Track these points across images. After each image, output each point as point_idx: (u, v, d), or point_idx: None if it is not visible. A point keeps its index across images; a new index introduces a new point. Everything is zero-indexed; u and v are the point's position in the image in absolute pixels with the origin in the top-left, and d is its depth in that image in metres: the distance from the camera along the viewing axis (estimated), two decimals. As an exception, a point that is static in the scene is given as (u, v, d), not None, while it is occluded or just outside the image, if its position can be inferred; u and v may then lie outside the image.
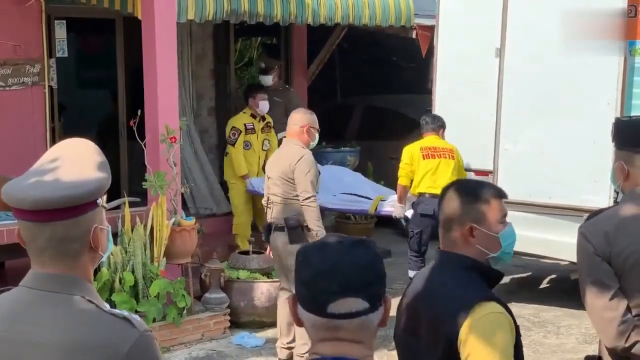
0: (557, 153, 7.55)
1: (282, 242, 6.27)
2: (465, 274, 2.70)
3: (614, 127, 3.28)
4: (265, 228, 6.52)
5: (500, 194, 2.80)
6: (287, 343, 6.56)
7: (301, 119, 6.39)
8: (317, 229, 6.16)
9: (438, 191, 7.86)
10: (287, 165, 6.20)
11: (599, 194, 7.34)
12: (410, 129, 11.13)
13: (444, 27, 8.37)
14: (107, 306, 2.10)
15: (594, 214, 3.25)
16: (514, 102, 7.77)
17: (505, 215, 2.77)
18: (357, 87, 13.20)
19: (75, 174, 2.04)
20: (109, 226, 2.16)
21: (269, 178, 6.43)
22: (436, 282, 2.73)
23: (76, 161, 2.08)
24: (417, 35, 9.94)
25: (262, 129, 9.21)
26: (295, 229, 6.20)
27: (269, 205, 6.43)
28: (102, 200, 2.13)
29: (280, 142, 8.13)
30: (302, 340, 6.17)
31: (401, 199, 8.07)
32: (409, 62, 13.24)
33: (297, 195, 6.21)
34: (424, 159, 7.82)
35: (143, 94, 7.46)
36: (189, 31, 9.62)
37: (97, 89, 11.48)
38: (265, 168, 6.65)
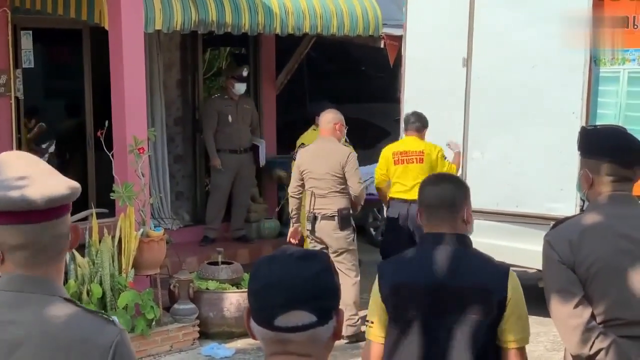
0: (523, 162, 7.60)
1: (331, 229, 7.18)
2: (480, 251, 3.16)
3: (580, 136, 3.32)
4: (310, 218, 7.22)
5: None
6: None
7: (333, 118, 7.31)
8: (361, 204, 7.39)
9: (406, 195, 7.92)
10: (337, 164, 7.10)
11: (566, 203, 7.40)
12: (379, 138, 11.18)
13: (411, 37, 8.41)
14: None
15: (559, 222, 3.28)
16: (481, 112, 7.82)
17: None
18: (325, 96, 13.20)
19: (55, 174, 2.13)
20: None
21: (306, 172, 7.17)
22: (464, 262, 3.08)
23: (43, 165, 2.15)
24: (385, 44, 9.98)
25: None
26: (347, 218, 7.18)
27: (298, 197, 7.27)
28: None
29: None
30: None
31: (385, 200, 8.11)
32: (378, 71, 13.29)
33: (342, 189, 7.12)
34: (394, 164, 7.86)
35: (111, 105, 7.42)
36: (157, 41, 9.59)
37: (64, 100, 11.39)
38: (300, 163, 7.29)
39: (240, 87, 9.71)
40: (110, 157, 7.24)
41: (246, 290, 6.84)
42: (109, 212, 7.46)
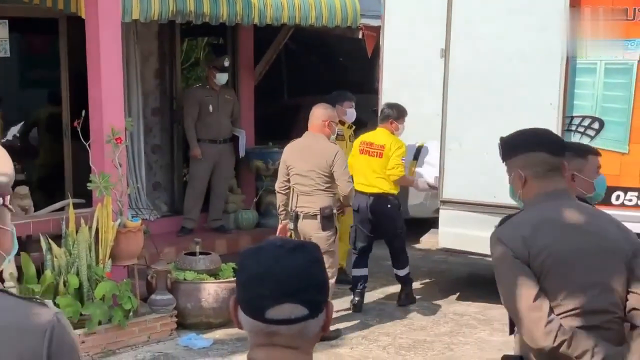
0: (501, 153, 7.63)
1: (313, 228, 6.97)
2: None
3: (502, 143, 3.38)
4: (292, 216, 7.01)
5: (596, 152, 3.97)
6: None
7: (323, 114, 7.01)
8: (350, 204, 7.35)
9: (365, 189, 7.99)
10: (324, 162, 6.86)
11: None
12: (356, 129, 11.18)
13: (389, 28, 8.42)
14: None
15: (505, 219, 3.30)
16: (459, 103, 7.84)
17: (599, 167, 3.89)
18: (304, 87, 13.20)
19: None
20: (13, 227, 2.13)
21: (290, 168, 6.98)
22: (591, 213, 3.29)
23: None
24: (363, 35, 9.99)
25: (350, 136, 9.04)
26: (330, 217, 6.95)
27: (287, 193, 7.05)
28: (5, 201, 2.09)
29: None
30: None
31: None
32: (356, 62, 13.28)
33: (328, 187, 6.91)
34: (360, 153, 7.92)
35: (88, 95, 7.38)
36: (134, 31, 9.55)
37: (41, 89, 11.32)
38: (286, 158, 7.07)
39: (222, 78, 9.69)
40: (87, 147, 7.20)
41: (224, 280, 6.91)
42: (86, 203, 7.42)
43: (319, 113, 7.04)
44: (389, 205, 7.91)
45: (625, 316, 3.13)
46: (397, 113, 7.90)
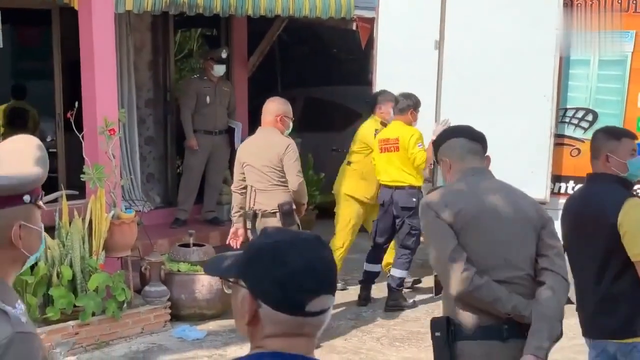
0: (495, 145, 7.57)
1: (273, 226, 6.37)
2: (612, 185, 4.12)
3: (432, 143, 4.02)
4: (249, 215, 6.70)
5: (631, 135, 4.25)
6: None
7: (276, 109, 6.66)
8: (305, 203, 6.81)
9: (390, 184, 7.92)
10: (275, 155, 6.51)
11: (536, 185, 7.45)
12: (350, 121, 11.18)
13: (383, 19, 8.40)
14: (18, 302, 2.01)
15: (432, 190, 3.99)
16: (453, 95, 7.84)
17: (634, 149, 4.16)
18: (297, 78, 13.20)
19: (12, 164, 1.99)
20: (42, 227, 2.09)
21: (247, 166, 6.64)
22: (593, 192, 4.18)
23: (4, 157, 2.03)
24: (357, 27, 9.97)
25: None
26: (289, 213, 6.58)
27: (244, 193, 6.70)
28: (37, 199, 2.05)
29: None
30: None
31: None
32: (350, 53, 13.28)
33: (284, 182, 6.54)
34: (381, 152, 7.86)
35: (81, 86, 7.36)
36: (127, 22, 9.52)
37: (34, 81, 11.29)
38: (241, 156, 6.74)
39: (219, 69, 9.67)
40: (81, 138, 7.18)
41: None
42: (79, 194, 7.41)
43: (272, 107, 6.68)
44: (414, 199, 7.67)
45: (535, 275, 3.61)
46: (415, 102, 7.77)
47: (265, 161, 6.55)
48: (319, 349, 6.79)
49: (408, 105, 7.73)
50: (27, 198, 2.02)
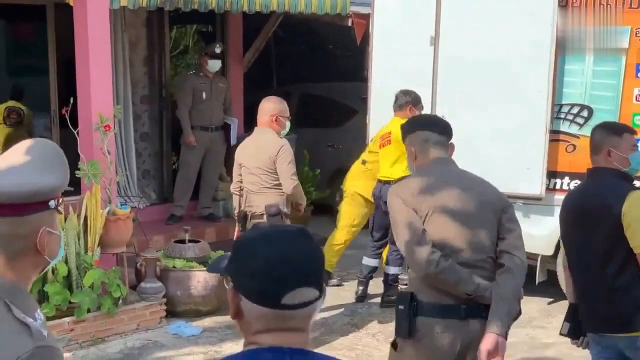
0: (490, 140, 7.63)
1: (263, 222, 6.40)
2: (613, 179, 4.19)
3: (401, 127, 4.26)
4: (240, 216, 6.53)
5: (631, 131, 4.33)
6: None
7: (271, 108, 6.49)
8: (304, 203, 6.65)
9: (382, 178, 7.88)
10: (267, 157, 6.33)
11: (532, 181, 7.46)
12: (346, 117, 11.18)
13: (379, 15, 8.40)
14: (37, 312, 2.01)
15: (399, 179, 4.26)
16: (449, 90, 7.84)
17: (634, 145, 4.25)
18: (293, 75, 13.19)
19: (30, 173, 1.99)
20: (62, 232, 2.09)
21: (242, 167, 6.50)
22: (595, 186, 4.24)
23: (32, 161, 2.03)
24: (352, 23, 9.96)
25: None
26: (275, 216, 6.33)
27: (241, 194, 6.53)
28: (58, 204, 2.06)
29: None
30: None
31: None
32: (345, 50, 13.27)
33: (276, 185, 6.37)
34: (380, 148, 7.85)
35: (76, 82, 7.34)
36: (123, 18, 9.50)
37: (29, 77, 11.26)
38: (238, 156, 6.61)
39: (214, 64, 9.67)
40: (76, 134, 7.17)
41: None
42: (75, 190, 7.37)
43: (268, 107, 6.53)
44: None
45: (496, 257, 3.84)
46: (414, 99, 7.71)
47: (258, 163, 6.40)
48: (314, 346, 6.79)
49: (406, 102, 7.70)
50: (52, 203, 2.03)
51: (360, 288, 8.08)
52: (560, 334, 4.57)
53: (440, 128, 4.05)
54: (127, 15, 9.55)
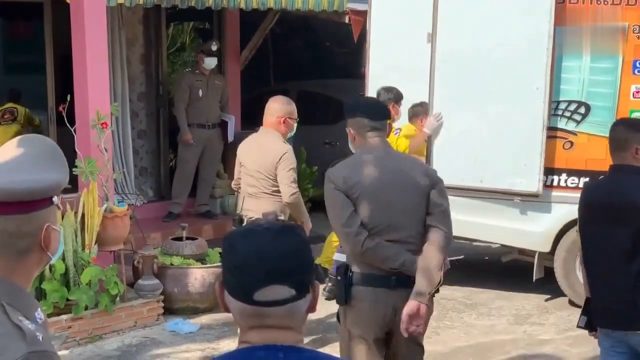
0: (487, 137, 7.64)
1: None
2: (637, 176, 4.16)
3: (345, 105, 4.65)
4: (236, 221, 6.18)
5: None
6: None
7: (279, 109, 6.11)
8: (308, 223, 6.26)
9: None
10: (269, 162, 6.00)
11: (528, 177, 7.46)
12: (343, 114, 11.16)
13: (376, 12, 8.38)
14: (38, 311, 2.00)
15: (334, 163, 4.46)
16: (446, 87, 7.83)
17: None
18: (290, 72, 13.18)
19: (34, 169, 1.98)
20: (61, 228, 2.07)
21: (242, 165, 6.18)
22: (619, 182, 4.19)
23: (35, 157, 2.02)
24: (349, 20, 9.95)
25: None
26: None
27: (239, 192, 6.30)
28: (58, 200, 2.05)
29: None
30: None
31: None
32: (342, 46, 13.26)
33: (275, 191, 6.05)
34: None
35: (73, 79, 7.34)
36: (119, 15, 9.49)
37: (26, 74, 11.25)
38: (240, 154, 6.27)
39: (210, 62, 9.66)
40: (73, 132, 7.16)
41: (211, 265, 6.86)
42: (72, 188, 7.37)
43: (275, 108, 6.14)
44: None
45: (424, 232, 4.19)
46: (396, 96, 7.68)
47: (258, 166, 6.07)
48: (316, 345, 6.79)
49: (389, 99, 7.65)
50: (55, 199, 2.02)
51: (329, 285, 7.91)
52: (578, 326, 4.55)
53: (377, 114, 4.38)
54: (124, 13, 9.54)
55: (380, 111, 4.44)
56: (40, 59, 9.57)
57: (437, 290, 4.36)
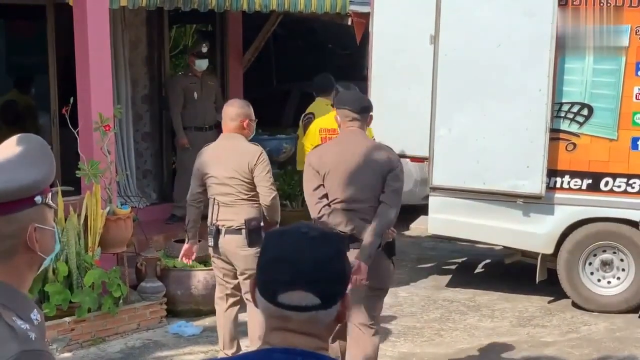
0: (490, 139, 7.63)
1: (238, 245, 5.90)
2: None
3: (333, 101, 5.99)
4: (213, 232, 6.00)
5: None
6: (233, 354, 6.05)
7: (240, 113, 5.96)
8: (278, 219, 6.05)
9: None
10: (245, 165, 5.82)
11: (531, 179, 7.46)
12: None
13: (379, 14, 8.39)
14: (34, 312, 1.98)
15: (317, 146, 5.81)
16: (449, 89, 7.82)
17: None
18: (292, 74, 13.18)
19: (8, 169, 1.94)
20: (54, 226, 2.05)
21: (209, 177, 5.97)
22: None
23: (12, 157, 1.97)
24: (352, 22, 9.96)
25: None
26: (257, 230, 5.88)
27: (197, 207, 6.14)
28: (47, 199, 2.01)
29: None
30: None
31: None
32: (345, 48, 13.26)
33: (254, 196, 5.88)
34: (321, 141, 7.58)
35: (76, 82, 7.34)
36: (122, 17, 9.50)
37: (28, 76, 11.24)
38: (201, 165, 6.06)
39: (201, 64, 9.63)
40: (76, 134, 7.17)
41: (213, 268, 6.77)
42: (75, 190, 7.39)
43: (235, 112, 5.96)
44: None
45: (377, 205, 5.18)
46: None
47: (231, 172, 5.85)
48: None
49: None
50: (38, 199, 1.98)
51: None
52: None
53: (358, 107, 5.32)
54: (127, 15, 9.55)
55: (362, 104, 5.39)
56: (43, 61, 9.57)
57: (385, 248, 5.29)
